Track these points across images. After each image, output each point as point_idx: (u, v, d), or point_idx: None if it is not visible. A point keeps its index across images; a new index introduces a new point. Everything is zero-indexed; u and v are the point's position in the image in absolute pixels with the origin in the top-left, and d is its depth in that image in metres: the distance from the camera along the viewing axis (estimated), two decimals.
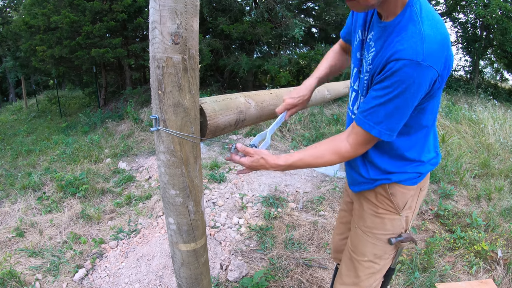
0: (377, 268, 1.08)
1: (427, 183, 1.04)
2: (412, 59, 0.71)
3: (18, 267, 2.07)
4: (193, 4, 0.76)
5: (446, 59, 0.76)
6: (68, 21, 5.88)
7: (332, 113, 5.60)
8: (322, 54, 6.32)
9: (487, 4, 7.11)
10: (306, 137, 4.90)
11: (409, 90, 0.74)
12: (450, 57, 0.78)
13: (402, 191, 0.99)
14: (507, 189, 3.00)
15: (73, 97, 12.40)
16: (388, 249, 1.06)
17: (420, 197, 1.03)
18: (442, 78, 0.77)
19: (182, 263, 1.01)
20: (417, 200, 1.03)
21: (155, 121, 0.82)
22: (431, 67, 0.72)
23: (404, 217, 1.02)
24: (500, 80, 10.82)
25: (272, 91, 1.30)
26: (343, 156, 0.88)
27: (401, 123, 0.82)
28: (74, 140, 5.59)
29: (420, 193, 1.02)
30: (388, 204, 1.01)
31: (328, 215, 2.63)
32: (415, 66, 0.71)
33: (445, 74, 0.78)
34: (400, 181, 0.98)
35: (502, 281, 1.84)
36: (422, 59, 0.71)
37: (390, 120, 0.80)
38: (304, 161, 0.90)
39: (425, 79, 0.73)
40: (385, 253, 1.07)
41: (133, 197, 3.10)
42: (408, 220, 1.04)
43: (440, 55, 0.74)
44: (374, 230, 1.05)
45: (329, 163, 0.90)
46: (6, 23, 14.34)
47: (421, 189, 1.02)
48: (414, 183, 0.99)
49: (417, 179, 0.99)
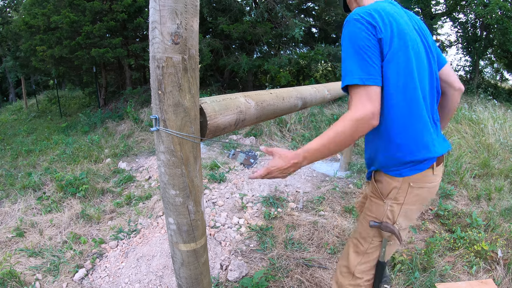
0: (361, 249, 1.13)
1: (423, 183, 1.03)
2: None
3: (18, 267, 2.07)
4: (193, 4, 0.76)
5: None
6: (68, 21, 5.88)
7: (332, 113, 5.60)
8: (322, 54, 6.33)
9: (487, 4, 7.11)
10: (306, 137, 4.90)
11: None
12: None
13: (387, 180, 1.05)
14: (507, 189, 3.00)
15: (73, 97, 12.40)
16: (371, 233, 1.10)
17: (411, 194, 1.02)
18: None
19: (182, 263, 1.01)
20: (406, 196, 1.02)
21: (155, 121, 0.82)
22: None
23: (388, 206, 1.05)
24: (500, 80, 10.81)
25: (272, 91, 1.30)
26: (353, 119, 0.88)
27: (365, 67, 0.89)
28: (74, 140, 5.59)
29: (410, 189, 1.02)
30: (375, 188, 1.09)
31: (328, 215, 2.63)
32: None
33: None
34: (382, 168, 1.05)
35: (502, 281, 1.84)
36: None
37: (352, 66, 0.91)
38: (321, 140, 0.92)
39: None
40: (368, 236, 1.11)
41: (133, 197, 3.10)
42: (394, 212, 1.05)
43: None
44: (366, 211, 1.14)
45: (347, 130, 0.88)
46: (6, 23, 14.35)
47: (411, 185, 1.02)
48: (398, 175, 1.02)
49: (401, 172, 1.01)
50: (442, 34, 19.46)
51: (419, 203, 1.06)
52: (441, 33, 17.49)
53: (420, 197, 1.04)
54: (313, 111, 5.64)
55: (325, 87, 2.07)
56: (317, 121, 5.40)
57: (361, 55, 0.90)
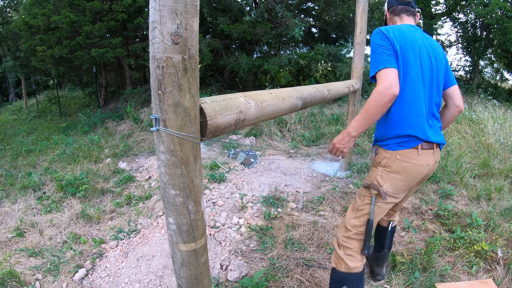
0: (355, 205, 1.45)
1: (408, 159, 1.32)
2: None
3: (18, 267, 2.07)
4: (193, 4, 0.76)
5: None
6: (68, 21, 5.88)
7: (332, 113, 5.60)
8: (322, 54, 6.33)
9: (487, 4, 7.11)
10: (306, 137, 4.90)
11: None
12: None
13: (381, 151, 1.39)
14: (507, 189, 3.00)
15: (73, 97, 12.40)
16: (363, 192, 1.43)
17: (397, 165, 1.33)
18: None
19: (182, 263, 1.01)
20: (393, 166, 1.34)
21: (155, 121, 0.82)
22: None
23: (379, 171, 1.37)
24: (500, 80, 10.80)
25: (272, 91, 1.30)
26: (377, 91, 1.22)
27: (383, 57, 1.27)
28: (74, 140, 5.59)
29: (397, 161, 1.33)
30: (373, 158, 1.46)
31: (328, 215, 2.63)
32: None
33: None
34: (379, 142, 1.42)
35: (502, 281, 1.84)
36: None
37: (375, 60, 1.30)
38: (360, 113, 1.29)
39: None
40: (361, 194, 1.44)
41: (133, 197, 3.10)
42: (383, 177, 1.36)
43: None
44: (365, 178, 1.48)
45: (374, 101, 1.23)
46: (6, 23, 14.35)
47: (398, 158, 1.33)
48: (389, 148, 1.36)
49: (391, 146, 1.35)
50: (442, 34, 19.46)
51: (405, 175, 1.34)
52: (441, 33, 17.50)
53: (405, 170, 1.33)
54: (313, 111, 5.64)
55: (325, 87, 2.07)
56: (317, 121, 5.39)
57: (380, 50, 1.28)
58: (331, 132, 4.97)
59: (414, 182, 1.38)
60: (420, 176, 1.37)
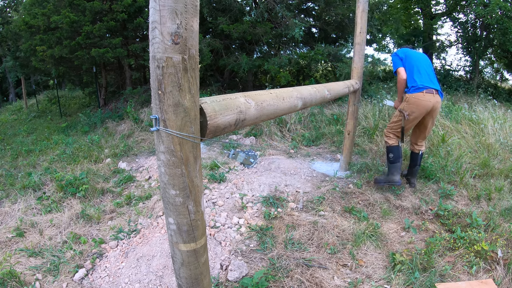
0: (394, 119, 2.89)
1: (417, 98, 2.69)
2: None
3: (18, 267, 2.07)
4: (193, 4, 0.76)
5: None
6: (68, 21, 5.88)
7: (332, 113, 5.59)
8: (322, 54, 6.32)
9: (487, 4, 7.11)
10: (306, 137, 4.90)
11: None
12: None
13: (406, 95, 2.79)
14: (507, 189, 3.00)
15: (73, 97, 12.41)
16: (397, 112, 2.87)
17: (412, 100, 2.72)
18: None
19: (182, 263, 1.01)
20: (410, 100, 2.72)
21: (155, 121, 0.82)
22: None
23: (404, 103, 2.78)
24: (500, 80, 10.79)
25: (272, 91, 1.30)
26: (398, 78, 2.91)
27: (398, 63, 2.92)
28: (74, 140, 5.59)
29: (412, 99, 2.71)
30: (404, 98, 2.88)
31: (328, 215, 2.63)
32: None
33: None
34: (406, 92, 2.83)
35: (502, 281, 1.84)
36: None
37: (395, 64, 2.96)
38: (398, 89, 2.99)
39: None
40: (397, 114, 2.87)
41: (133, 197, 3.10)
42: (405, 106, 2.77)
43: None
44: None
45: (399, 82, 2.91)
46: (6, 23, 14.35)
47: (412, 96, 2.72)
48: (408, 92, 2.78)
49: (409, 91, 2.76)
50: (442, 34, 19.43)
51: (416, 107, 2.70)
52: (441, 33, 17.47)
53: (416, 104, 2.69)
54: (313, 111, 5.63)
55: (325, 87, 2.07)
56: (317, 121, 5.39)
57: (398, 59, 2.90)
58: (331, 132, 4.97)
59: (422, 111, 2.69)
60: (425, 108, 2.67)
